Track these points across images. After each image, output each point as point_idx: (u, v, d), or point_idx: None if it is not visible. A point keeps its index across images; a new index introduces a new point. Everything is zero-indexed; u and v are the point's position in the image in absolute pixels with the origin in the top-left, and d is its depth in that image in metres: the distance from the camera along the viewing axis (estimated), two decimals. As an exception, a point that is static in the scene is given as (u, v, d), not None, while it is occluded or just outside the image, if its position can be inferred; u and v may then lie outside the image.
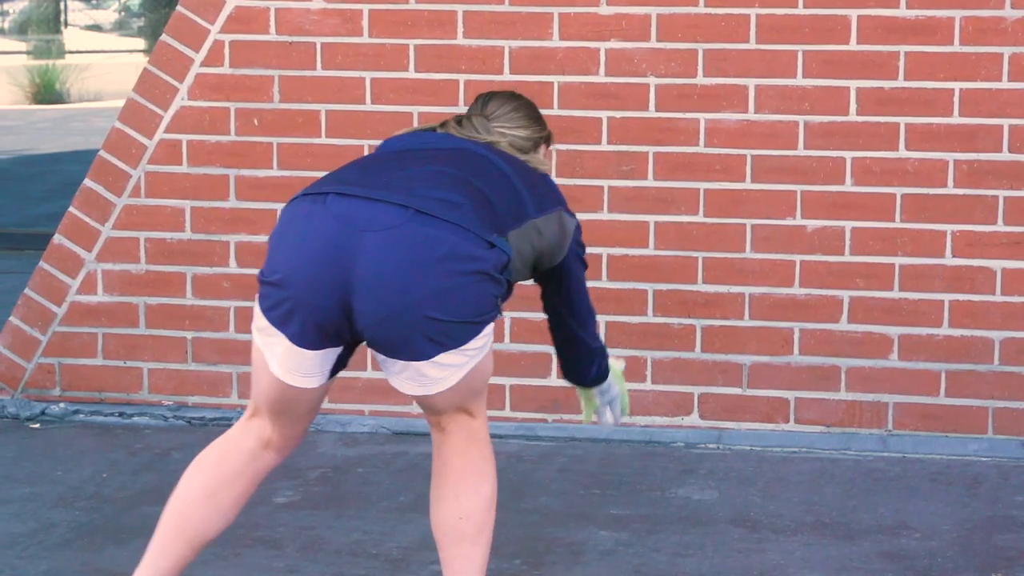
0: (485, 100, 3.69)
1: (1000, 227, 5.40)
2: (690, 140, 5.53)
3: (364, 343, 3.46)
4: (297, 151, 5.75)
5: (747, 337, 5.56)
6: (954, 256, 5.43)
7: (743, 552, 4.46)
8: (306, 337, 3.40)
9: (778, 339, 5.55)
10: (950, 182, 5.41)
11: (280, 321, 3.41)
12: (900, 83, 5.41)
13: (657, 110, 5.55)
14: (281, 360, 3.45)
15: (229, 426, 5.73)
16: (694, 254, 5.55)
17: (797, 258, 5.51)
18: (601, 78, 5.54)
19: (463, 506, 3.53)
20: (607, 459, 5.30)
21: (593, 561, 4.36)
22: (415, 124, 5.60)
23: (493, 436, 5.61)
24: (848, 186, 5.46)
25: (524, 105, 3.70)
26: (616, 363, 3.97)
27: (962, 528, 4.67)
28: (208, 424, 5.78)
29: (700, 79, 5.50)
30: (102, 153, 5.84)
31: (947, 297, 5.44)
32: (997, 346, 5.43)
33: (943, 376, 5.47)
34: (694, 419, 5.62)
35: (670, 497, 4.96)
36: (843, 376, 5.52)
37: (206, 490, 3.61)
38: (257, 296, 3.48)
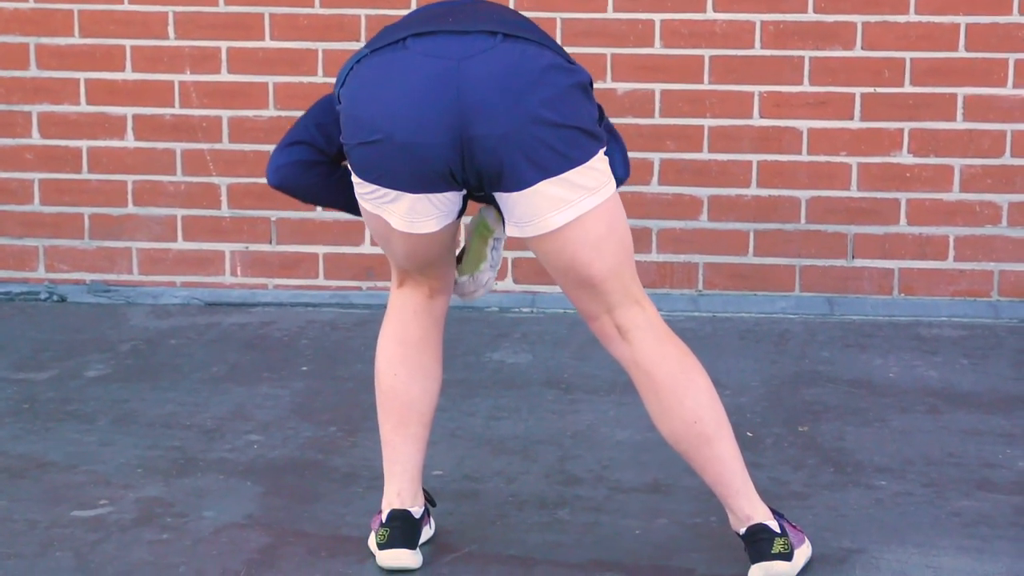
0: None
1: (806, 87, 5.46)
2: (499, 4, 5.49)
3: (490, 193, 3.31)
4: (100, 18, 5.61)
5: (559, 201, 5.57)
6: (761, 117, 5.49)
7: (557, 413, 4.51)
8: (422, 182, 3.25)
9: (590, 202, 5.57)
10: (757, 43, 5.45)
11: (390, 176, 3.26)
12: (707, -56, 5.43)
13: (466, -27, 5.50)
14: (404, 214, 3.30)
15: (37, 300, 5.67)
16: (505, 118, 5.53)
17: (607, 121, 5.52)
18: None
19: (690, 409, 3.38)
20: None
21: (409, 426, 4.38)
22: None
23: (306, 305, 5.62)
24: (657, 48, 5.47)
25: None
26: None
27: (770, 384, 4.76)
28: (15, 299, 5.68)
29: (508, -58, 5.47)
30: None
31: (755, 158, 5.51)
32: (804, 205, 5.51)
33: (751, 236, 5.55)
34: (508, 283, 5.64)
35: (484, 361, 5.00)
36: (654, 238, 5.57)
37: (404, 365, 3.53)
38: (351, 164, 3.31)
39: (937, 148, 5.45)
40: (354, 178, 3.35)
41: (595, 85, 5.44)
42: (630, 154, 5.45)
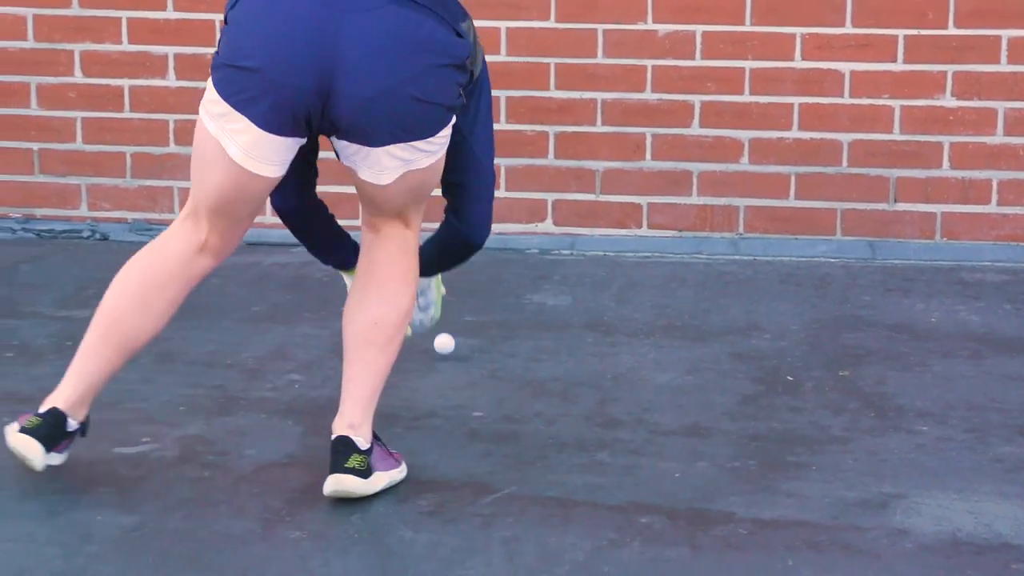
0: None
1: (848, 29, 5.42)
2: (541, -56, 5.48)
3: (330, 136, 3.40)
4: (141, -43, 5.62)
5: (599, 143, 5.57)
6: (803, 59, 5.46)
7: (597, 356, 4.51)
8: (277, 121, 3.32)
9: (630, 144, 5.56)
10: (800, -15, 5.42)
11: (248, 105, 3.32)
12: None
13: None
14: (245, 147, 3.36)
15: (80, 238, 5.69)
16: (546, 60, 5.52)
17: (648, 63, 5.50)
18: None
19: (380, 312, 3.54)
20: (461, 267, 5.30)
21: (449, 368, 4.39)
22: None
23: (347, 245, 5.59)
24: (699, -10, 5.45)
25: None
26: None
27: (810, 328, 4.75)
28: (58, 236, 5.71)
29: None
30: (-63, -41, 5.67)
31: (797, 100, 5.48)
32: (845, 148, 5.49)
33: (792, 179, 5.53)
34: (548, 225, 5.64)
35: (524, 303, 5.00)
36: (695, 180, 5.56)
37: (136, 295, 3.53)
38: (214, 81, 3.37)
39: (981, 91, 5.41)
40: (209, 94, 3.40)
41: (636, 26, 5.45)
42: (671, 96, 5.47)
